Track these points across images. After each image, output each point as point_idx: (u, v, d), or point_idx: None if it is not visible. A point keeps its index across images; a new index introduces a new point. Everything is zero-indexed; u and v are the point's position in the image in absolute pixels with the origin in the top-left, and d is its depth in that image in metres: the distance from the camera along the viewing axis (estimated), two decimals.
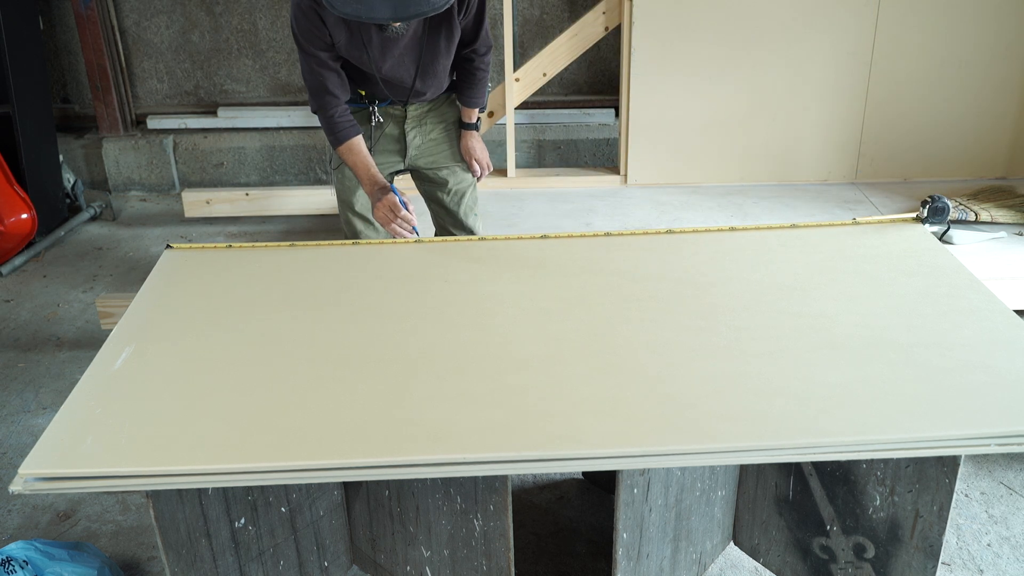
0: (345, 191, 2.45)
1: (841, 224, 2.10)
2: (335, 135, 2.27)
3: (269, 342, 1.64)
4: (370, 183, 2.26)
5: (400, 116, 2.39)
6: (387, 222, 2.20)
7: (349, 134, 2.27)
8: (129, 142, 4.49)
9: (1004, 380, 1.47)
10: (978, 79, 3.50)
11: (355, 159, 2.28)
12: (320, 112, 2.27)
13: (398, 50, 2.20)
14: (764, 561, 1.98)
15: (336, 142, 2.28)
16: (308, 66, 2.20)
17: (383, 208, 2.20)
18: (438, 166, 2.49)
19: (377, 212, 2.22)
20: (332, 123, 2.26)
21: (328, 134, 2.29)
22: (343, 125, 2.26)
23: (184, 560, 1.54)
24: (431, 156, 2.48)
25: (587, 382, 1.49)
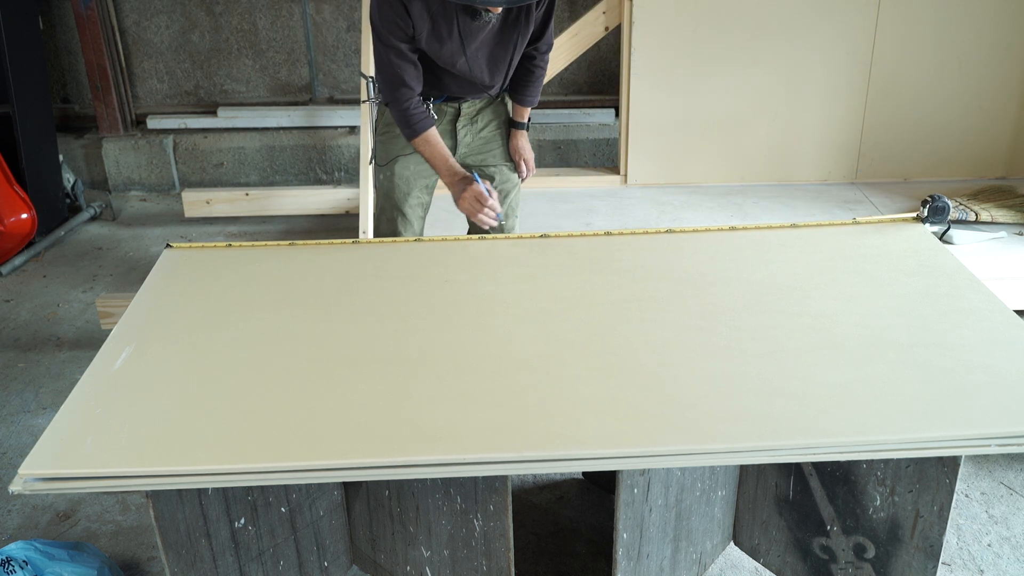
0: (395, 189, 2.41)
1: (841, 224, 2.09)
2: (411, 126, 2.23)
3: (269, 342, 1.64)
4: (450, 174, 2.24)
5: (453, 113, 2.38)
6: (473, 212, 2.19)
7: (426, 125, 2.23)
8: (129, 142, 4.49)
9: (1004, 380, 1.47)
10: (978, 79, 3.50)
11: (432, 150, 2.25)
12: (394, 104, 2.22)
13: (475, 44, 2.18)
14: (764, 561, 1.98)
15: (412, 133, 2.24)
16: (387, 58, 2.15)
17: (469, 199, 2.19)
18: (486, 164, 2.47)
19: (462, 203, 2.21)
20: (408, 114, 2.21)
21: (403, 126, 2.25)
22: (419, 116, 2.23)
23: (184, 560, 1.54)
24: (480, 154, 2.46)
25: (587, 382, 1.49)
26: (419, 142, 2.24)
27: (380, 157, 2.42)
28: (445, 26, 2.12)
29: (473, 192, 2.18)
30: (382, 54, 2.16)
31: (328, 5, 4.41)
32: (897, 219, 2.10)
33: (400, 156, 2.37)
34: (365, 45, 3.32)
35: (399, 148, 2.36)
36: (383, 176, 2.43)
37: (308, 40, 4.48)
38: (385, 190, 2.44)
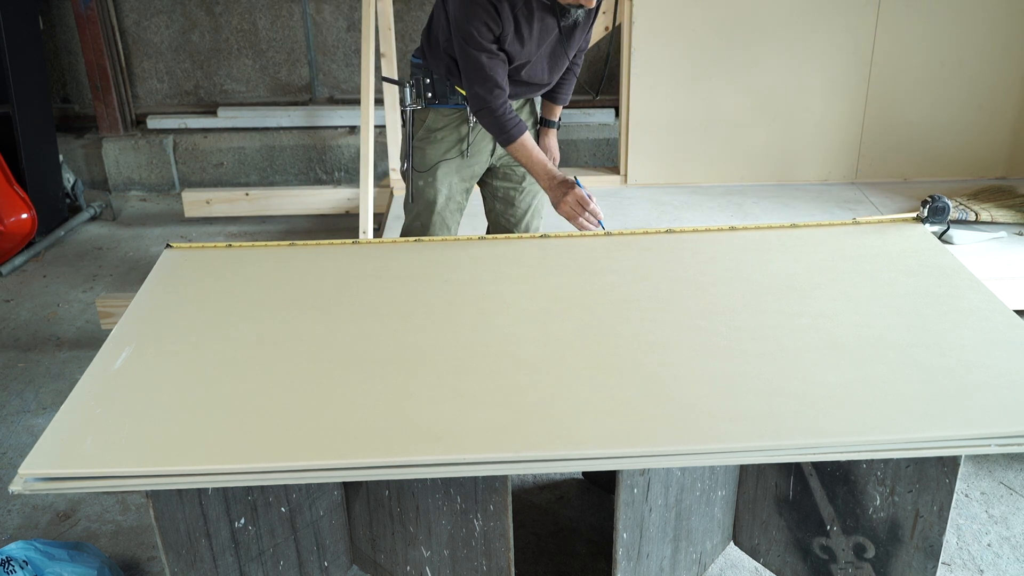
0: (438, 195, 2.38)
1: (841, 224, 2.09)
2: (508, 131, 2.17)
3: (269, 342, 1.64)
4: (549, 177, 2.19)
5: None
6: (574, 216, 2.14)
7: (522, 128, 2.19)
8: (129, 142, 4.49)
9: (1004, 380, 1.46)
10: (978, 79, 3.50)
11: (531, 154, 2.20)
12: (487, 110, 2.16)
13: (547, 45, 2.18)
14: (764, 561, 1.98)
15: (509, 139, 2.18)
16: (480, 61, 2.09)
17: (571, 203, 2.14)
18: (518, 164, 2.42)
19: (563, 207, 2.16)
20: (505, 118, 2.16)
21: (499, 132, 2.19)
22: (515, 120, 2.18)
23: (184, 560, 1.54)
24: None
25: (587, 382, 1.49)
26: (516, 147, 2.19)
27: (419, 163, 2.37)
28: (526, 26, 2.10)
29: (575, 196, 2.13)
30: (475, 58, 2.10)
31: (328, 5, 4.41)
32: (897, 219, 2.10)
33: (442, 162, 2.34)
34: (366, 45, 3.33)
35: (440, 154, 2.33)
36: (422, 182, 2.38)
37: (308, 40, 4.48)
38: (425, 196, 2.39)
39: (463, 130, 2.32)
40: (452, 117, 2.32)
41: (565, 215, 2.17)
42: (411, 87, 2.31)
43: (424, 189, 2.40)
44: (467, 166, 2.37)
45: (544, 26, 2.13)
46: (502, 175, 2.49)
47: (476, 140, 2.36)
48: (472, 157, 2.38)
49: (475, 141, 2.36)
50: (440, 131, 2.32)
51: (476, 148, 2.38)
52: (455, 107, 2.31)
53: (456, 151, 2.34)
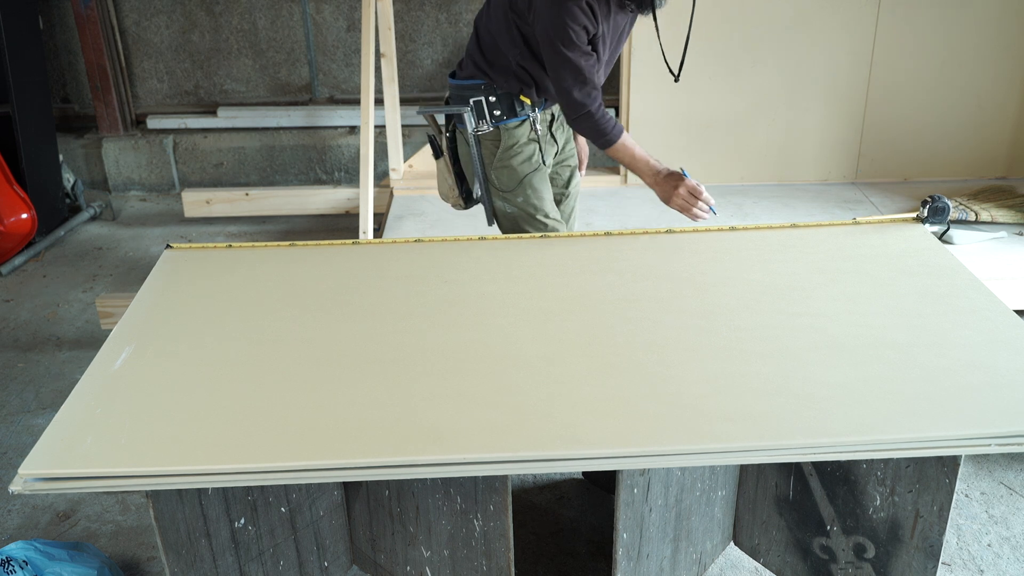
0: (542, 202, 2.29)
1: (841, 224, 2.09)
2: (608, 134, 2.12)
3: (269, 342, 1.64)
4: (654, 172, 2.14)
5: (551, 118, 2.31)
6: (687, 208, 2.10)
7: (621, 129, 2.14)
8: (129, 142, 4.49)
9: (1004, 380, 1.46)
10: (978, 79, 3.50)
11: (634, 152, 2.14)
12: (587, 113, 2.11)
13: (614, 42, 2.16)
14: (764, 561, 1.98)
15: (609, 141, 2.13)
16: (577, 65, 2.04)
17: (684, 195, 2.09)
18: (567, 163, 2.42)
19: (675, 200, 2.11)
20: (604, 121, 2.12)
21: (598, 136, 2.13)
22: (613, 121, 2.13)
23: (184, 560, 1.54)
24: (565, 153, 2.41)
25: (587, 382, 1.49)
26: (618, 147, 2.15)
27: (508, 183, 2.26)
28: (605, 24, 2.08)
29: (687, 187, 2.09)
30: (573, 63, 2.04)
31: (328, 5, 4.41)
32: (897, 219, 2.10)
33: (531, 174, 2.26)
34: (366, 45, 3.33)
35: (527, 167, 2.25)
36: (520, 198, 2.27)
37: (308, 40, 4.48)
38: (524, 209, 2.28)
39: (533, 137, 2.25)
40: (521, 129, 2.23)
41: (678, 208, 2.12)
42: (472, 111, 2.21)
43: (527, 202, 2.28)
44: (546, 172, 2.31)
45: (616, 23, 2.11)
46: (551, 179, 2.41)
47: (546, 145, 2.31)
48: (547, 163, 2.31)
49: (546, 146, 2.30)
50: (515, 146, 2.23)
51: (547, 153, 2.32)
52: (520, 119, 2.22)
53: (537, 159, 2.26)
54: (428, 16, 4.43)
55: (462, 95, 2.22)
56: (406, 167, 3.85)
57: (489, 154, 2.25)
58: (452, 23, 4.45)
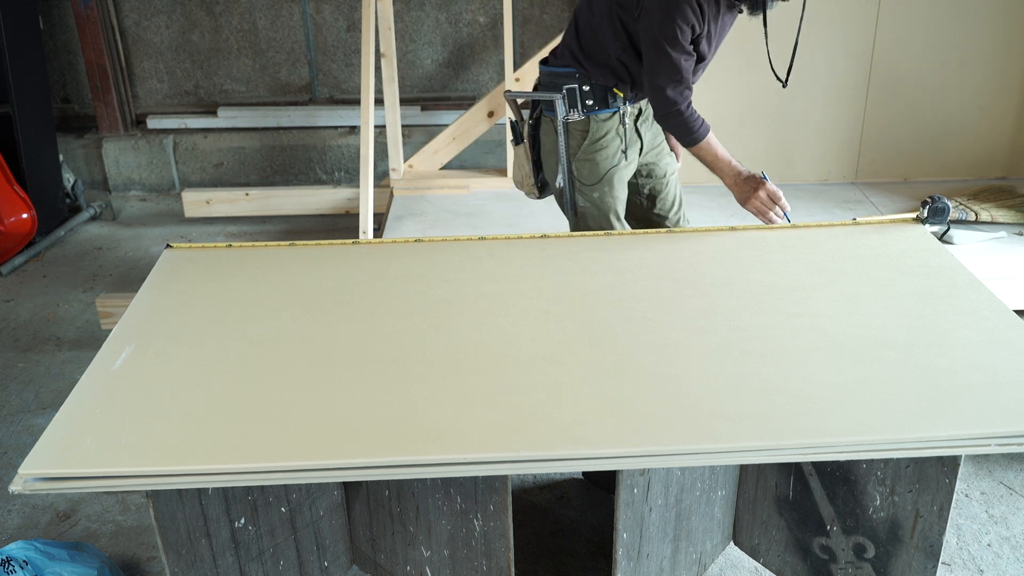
0: (616, 202, 2.30)
1: (841, 224, 2.09)
2: (695, 132, 2.15)
3: (269, 342, 1.64)
4: (735, 174, 2.18)
5: (637, 113, 2.29)
6: (764, 212, 2.14)
7: (707, 127, 2.16)
8: (129, 142, 4.49)
9: (1004, 380, 1.46)
10: (978, 79, 3.49)
11: (717, 152, 2.18)
12: (676, 111, 2.12)
13: (717, 42, 2.18)
14: (764, 561, 1.98)
15: (696, 139, 2.16)
16: (676, 62, 2.06)
17: (762, 199, 2.13)
18: (660, 158, 2.40)
19: (752, 203, 2.15)
20: (692, 119, 2.14)
21: (685, 133, 2.15)
22: (700, 119, 2.15)
23: (184, 560, 1.54)
24: (655, 149, 2.39)
25: (587, 382, 1.49)
26: (703, 146, 2.17)
27: (589, 175, 2.26)
28: (713, 24, 2.11)
29: (767, 191, 2.12)
30: (672, 60, 2.06)
31: (328, 5, 4.41)
32: (897, 219, 2.10)
33: (613, 168, 2.26)
34: (366, 45, 3.33)
35: (610, 162, 2.25)
36: (598, 193, 2.27)
37: (308, 40, 4.48)
38: (603, 206, 2.29)
39: (621, 132, 2.25)
40: (610, 122, 2.23)
41: (754, 210, 2.15)
42: (564, 98, 2.21)
43: (602, 200, 2.28)
44: (629, 169, 2.30)
45: (722, 24, 2.13)
46: (647, 172, 2.41)
47: (632, 140, 2.29)
48: (631, 159, 2.30)
49: (631, 141, 2.29)
50: (605, 138, 2.23)
51: (632, 149, 2.30)
52: (611, 111, 2.22)
53: (620, 155, 2.26)
54: (428, 16, 4.43)
55: (554, 82, 2.22)
56: (406, 167, 3.85)
57: (576, 144, 2.25)
58: (452, 23, 4.45)
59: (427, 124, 4.43)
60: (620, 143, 2.24)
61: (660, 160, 2.40)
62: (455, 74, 4.57)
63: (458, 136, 3.82)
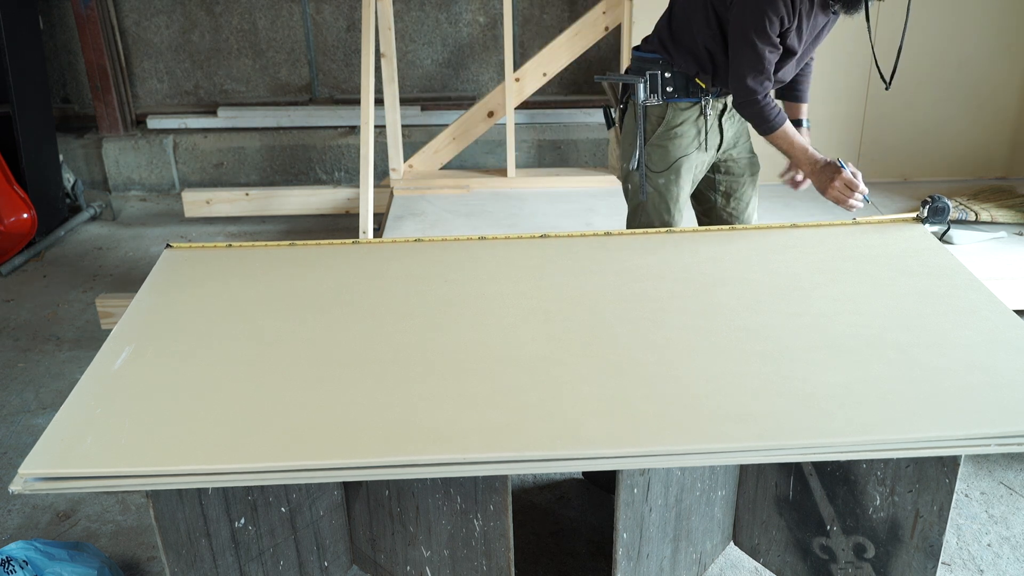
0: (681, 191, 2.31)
1: (841, 224, 2.09)
2: (771, 120, 2.16)
3: (269, 342, 1.64)
4: (811, 162, 2.18)
5: (722, 108, 2.29)
6: (843, 200, 2.12)
7: (784, 117, 2.18)
8: (129, 142, 4.49)
9: (1004, 380, 1.46)
10: (978, 79, 3.49)
11: (792, 140, 2.18)
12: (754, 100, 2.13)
13: (810, 40, 2.19)
14: (764, 561, 1.98)
15: (773, 127, 2.16)
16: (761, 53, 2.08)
17: (839, 187, 2.12)
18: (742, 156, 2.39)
19: (831, 192, 2.14)
20: (768, 108, 2.15)
21: (761, 121, 2.17)
22: (777, 109, 2.17)
23: (184, 560, 1.54)
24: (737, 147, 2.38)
25: (587, 382, 1.49)
26: (779, 134, 2.18)
27: (659, 161, 2.28)
28: (806, 20, 2.11)
29: (843, 180, 2.10)
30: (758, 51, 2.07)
31: (328, 5, 4.41)
32: (897, 219, 2.10)
33: (684, 157, 2.27)
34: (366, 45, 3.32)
35: (682, 149, 2.26)
36: (663, 180, 2.28)
37: (308, 40, 4.48)
38: (668, 194, 2.30)
39: (700, 124, 2.26)
40: (690, 112, 2.25)
41: (833, 199, 2.15)
42: (646, 83, 2.24)
43: (667, 187, 2.30)
44: (701, 161, 2.31)
45: (816, 22, 2.13)
46: (725, 169, 2.40)
47: (711, 134, 2.29)
48: (707, 152, 2.31)
49: (710, 135, 2.29)
50: (680, 127, 2.25)
51: (710, 143, 2.31)
52: (692, 100, 2.24)
53: (695, 145, 2.27)
54: (428, 16, 4.43)
55: (640, 67, 2.25)
56: (406, 167, 3.85)
57: (651, 129, 2.26)
58: (452, 23, 4.45)
59: (427, 124, 4.43)
60: (697, 135, 2.26)
61: (740, 158, 2.39)
62: (455, 74, 4.57)
63: (458, 136, 3.82)
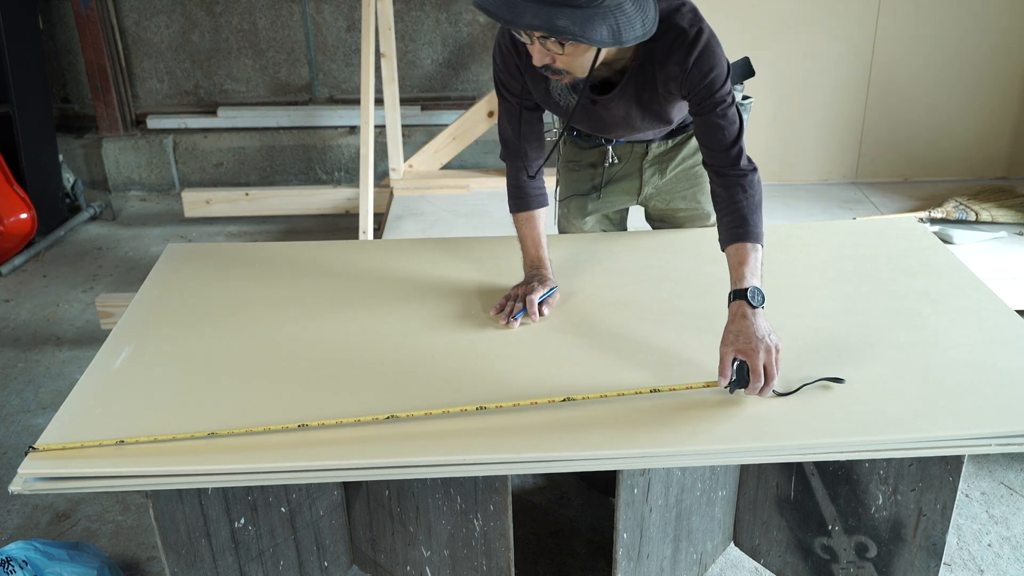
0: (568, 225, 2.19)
1: (841, 224, 2.09)
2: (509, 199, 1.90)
3: (269, 341, 1.64)
4: (530, 265, 1.84)
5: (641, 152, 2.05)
6: (512, 297, 1.74)
7: (522, 204, 1.87)
8: (129, 142, 4.48)
9: (1004, 380, 1.46)
10: (978, 79, 3.49)
11: (527, 232, 1.86)
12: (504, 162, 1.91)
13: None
14: (765, 562, 1.97)
15: (510, 208, 1.90)
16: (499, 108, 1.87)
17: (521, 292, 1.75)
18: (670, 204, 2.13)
19: (516, 289, 1.77)
20: (512, 184, 1.88)
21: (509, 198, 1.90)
22: (521, 190, 1.87)
23: (184, 560, 1.54)
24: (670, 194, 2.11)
25: (587, 382, 1.49)
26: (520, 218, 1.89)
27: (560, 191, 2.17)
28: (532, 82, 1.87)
29: (527, 291, 1.74)
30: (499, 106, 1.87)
31: (328, 5, 4.40)
32: (897, 219, 2.10)
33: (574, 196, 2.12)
34: (365, 45, 3.33)
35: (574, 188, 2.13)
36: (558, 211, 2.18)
37: (308, 40, 4.48)
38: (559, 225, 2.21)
39: (598, 169, 2.07)
40: (587, 152, 2.07)
41: (509, 295, 1.77)
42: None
43: (559, 219, 2.19)
44: (602, 207, 2.13)
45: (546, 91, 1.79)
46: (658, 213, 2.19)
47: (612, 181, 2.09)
48: (607, 198, 2.11)
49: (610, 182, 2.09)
50: (573, 163, 2.10)
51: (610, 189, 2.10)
52: (592, 143, 2.04)
53: (589, 187, 2.09)
54: (428, 16, 4.43)
55: None
56: (406, 167, 3.85)
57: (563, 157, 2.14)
58: (452, 23, 4.45)
59: (427, 124, 4.43)
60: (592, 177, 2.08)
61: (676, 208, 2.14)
62: (455, 74, 4.57)
63: (458, 136, 3.82)
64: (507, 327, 1.68)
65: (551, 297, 1.75)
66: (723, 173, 1.66)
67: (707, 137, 1.67)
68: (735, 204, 1.63)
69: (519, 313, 1.69)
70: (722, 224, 1.65)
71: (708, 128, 1.66)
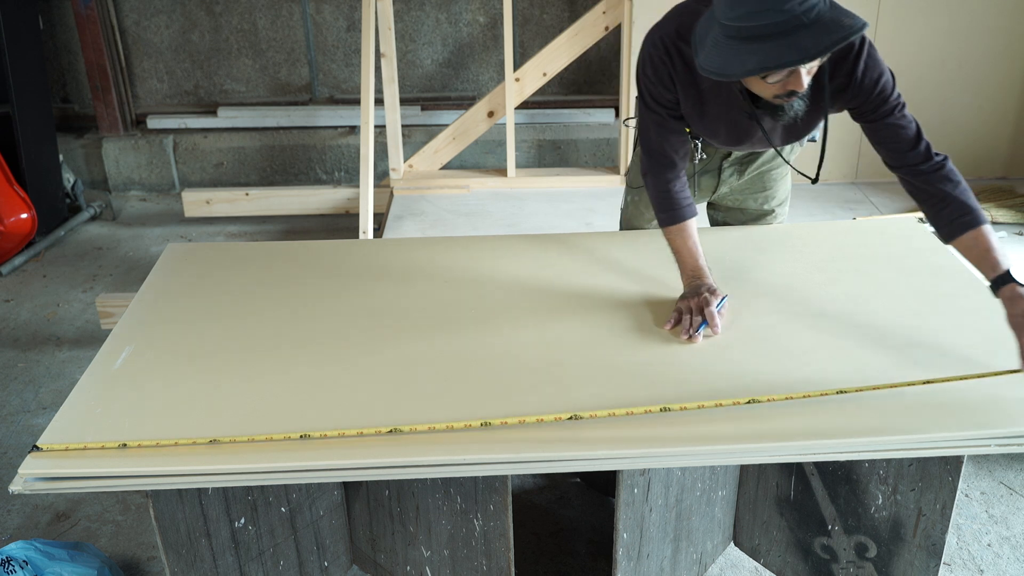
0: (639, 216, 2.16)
1: (841, 224, 2.09)
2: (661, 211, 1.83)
3: (269, 341, 1.64)
4: (691, 275, 1.77)
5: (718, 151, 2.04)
6: (683, 319, 1.67)
7: (683, 215, 1.81)
8: (129, 142, 4.49)
9: (1004, 380, 1.46)
10: (978, 79, 3.50)
11: (682, 243, 1.80)
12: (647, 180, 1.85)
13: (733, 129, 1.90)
14: (765, 562, 1.97)
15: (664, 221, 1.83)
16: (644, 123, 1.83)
17: (692, 304, 1.68)
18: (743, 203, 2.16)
19: (683, 301, 1.70)
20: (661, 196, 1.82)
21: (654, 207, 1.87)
22: (677, 201, 1.81)
23: (184, 560, 1.54)
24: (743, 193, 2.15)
25: (587, 382, 1.49)
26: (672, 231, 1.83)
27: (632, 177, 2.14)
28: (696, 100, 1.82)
29: (700, 303, 1.68)
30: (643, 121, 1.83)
31: (328, 5, 4.41)
32: (897, 219, 2.10)
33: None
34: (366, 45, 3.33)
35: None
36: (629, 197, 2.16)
37: (308, 40, 4.48)
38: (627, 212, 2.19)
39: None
40: None
41: (676, 309, 1.71)
42: None
43: (633, 204, 2.17)
44: None
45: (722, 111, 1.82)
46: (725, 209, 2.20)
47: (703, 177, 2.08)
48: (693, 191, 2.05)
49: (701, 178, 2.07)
50: None
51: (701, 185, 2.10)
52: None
53: None
54: (428, 16, 4.43)
55: None
56: (406, 167, 3.85)
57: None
58: (452, 23, 4.45)
59: (427, 124, 4.43)
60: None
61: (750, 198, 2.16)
62: (455, 74, 4.57)
63: (458, 136, 3.82)
64: (690, 341, 1.62)
65: (723, 307, 1.69)
66: (919, 171, 1.67)
67: (891, 140, 1.71)
68: (946, 195, 1.63)
69: (701, 326, 1.64)
70: (940, 218, 1.64)
71: (889, 131, 1.71)
